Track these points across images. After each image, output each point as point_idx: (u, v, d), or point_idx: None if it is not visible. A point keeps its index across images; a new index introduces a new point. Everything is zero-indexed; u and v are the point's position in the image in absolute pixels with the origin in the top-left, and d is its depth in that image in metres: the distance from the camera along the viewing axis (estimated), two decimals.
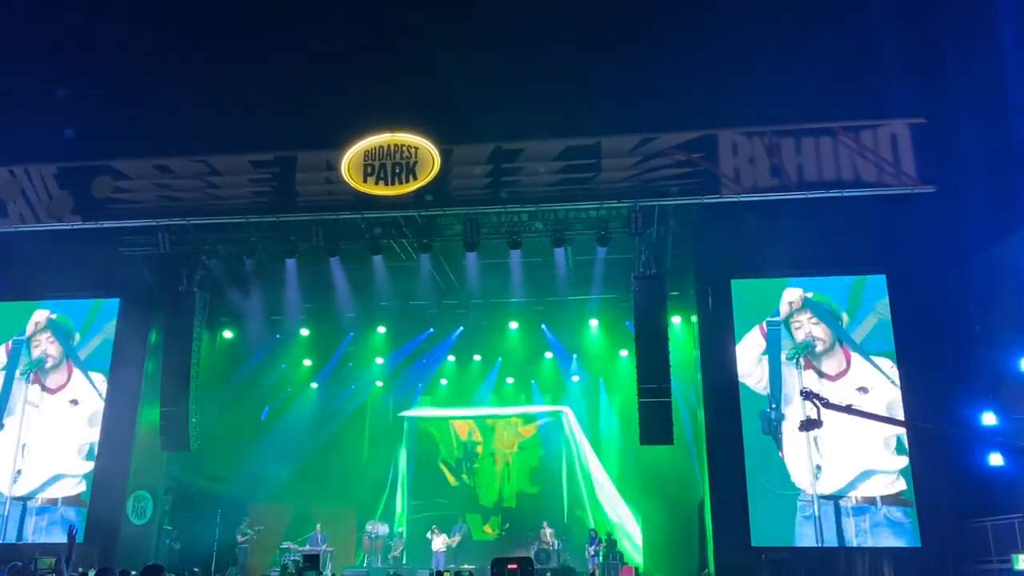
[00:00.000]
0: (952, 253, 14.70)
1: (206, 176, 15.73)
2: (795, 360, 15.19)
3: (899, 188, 14.36)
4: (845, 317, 15.30)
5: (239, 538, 18.48)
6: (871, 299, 15.32)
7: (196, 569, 16.60)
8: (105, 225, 15.94)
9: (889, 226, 15.22)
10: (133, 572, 10.22)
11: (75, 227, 16.04)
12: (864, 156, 14.41)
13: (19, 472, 16.57)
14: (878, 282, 15.34)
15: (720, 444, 15.05)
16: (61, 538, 15.52)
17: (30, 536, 16.14)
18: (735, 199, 14.63)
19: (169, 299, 16.98)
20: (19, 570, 4.70)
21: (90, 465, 16.47)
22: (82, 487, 16.36)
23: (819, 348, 15.23)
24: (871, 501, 14.33)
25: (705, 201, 14.81)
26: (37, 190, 16.18)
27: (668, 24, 17.99)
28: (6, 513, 16.32)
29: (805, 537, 14.31)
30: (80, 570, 11.14)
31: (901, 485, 14.27)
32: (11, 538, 16.11)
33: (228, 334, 19.73)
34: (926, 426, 13.31)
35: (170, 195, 15.77)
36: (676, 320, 17.47)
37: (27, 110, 16.85)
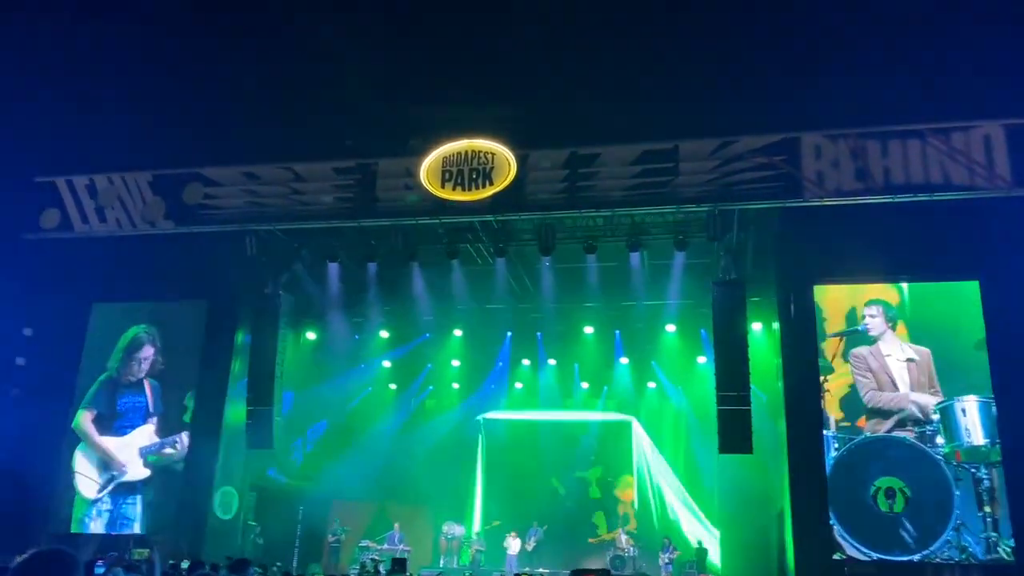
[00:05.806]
0: None
1: (291, 183, 16.14)
2: None
3: (992, 191, 13.75)
4: None
5: (330, 538, 18.90)
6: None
7: (278, 564, 17.08)
8: (195, 230, 16.54)
9: (982, 230, 14.56)
10: (222, 564, 10.59)
11: (167, 232, 16.68)
12: (955, 159, 13.83)
13: (108, 467, 17.26)
14: (970, 289, 14.80)
15: (801, 453, 14.73)
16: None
17: (116, 527, 16.80)
18: (818, 203, 14.28)
19: (255, 301, 17.52)
20: (116, 560, 4.96)
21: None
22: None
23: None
24: None
25: (787, 205, 14.51)
26: (133, 196, 16.85)
27: (747, 24, 17.69)
28: (100, 507, 17.06)
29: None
30: (171, 561, 11.58)
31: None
32: (101, 528, 16.82)
33: (311, 335, 20.23)
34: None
35: (257, 201, 16.25)
36: (756, 327, 17.16)
37: (124, 119, 17.60)
